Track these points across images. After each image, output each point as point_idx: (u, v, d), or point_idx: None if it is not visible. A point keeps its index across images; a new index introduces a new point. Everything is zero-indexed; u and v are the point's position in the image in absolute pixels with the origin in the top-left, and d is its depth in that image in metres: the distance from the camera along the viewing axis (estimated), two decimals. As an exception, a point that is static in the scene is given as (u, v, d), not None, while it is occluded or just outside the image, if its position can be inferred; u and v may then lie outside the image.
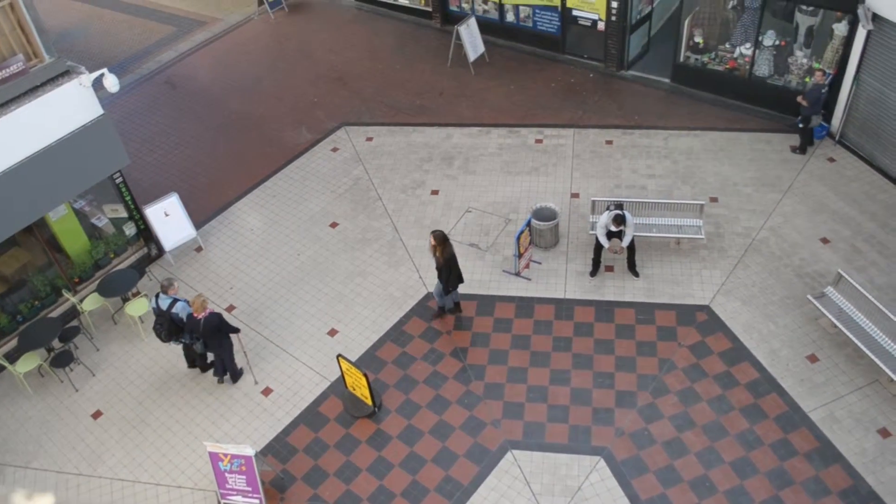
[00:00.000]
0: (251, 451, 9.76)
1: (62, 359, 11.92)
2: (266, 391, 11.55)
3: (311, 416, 11.16)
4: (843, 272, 11.18)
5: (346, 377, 10.98)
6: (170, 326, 11.08)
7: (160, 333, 11.21)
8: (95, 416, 11.56)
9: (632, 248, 12.22)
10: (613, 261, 12.70)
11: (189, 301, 11.01)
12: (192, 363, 11.89)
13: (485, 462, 10.35)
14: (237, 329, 11.27)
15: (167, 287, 11.18)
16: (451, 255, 11.44)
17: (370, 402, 10.87)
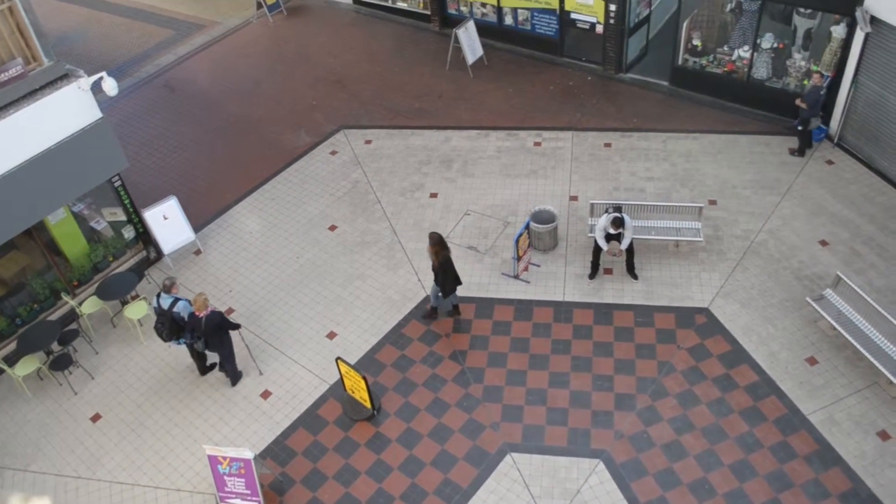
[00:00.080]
0: (250, 455, 9.75)
1: (61, 362, 11.91)
2: (265, 394, 11.55)
3: (310, 419, 11.16)
4: (842, 274, 11.19)
5: (345, 380, 10.97)
6: (171, 326, 11.08)
7: (161, 333, 11.21)
8: (94, 420, 11.55)
9: (630, 251, 12.22)
10: (612, 263, 12.70)
11: (190, 300, 11.03)
12: (203, 371, 11.91)
13: (484, 465, 10.34)
14: (238, 325, 11.29)
15: (169, 286, 11.19)
16: (447, 259, 11.41)
17: (369, 405, 10.87)
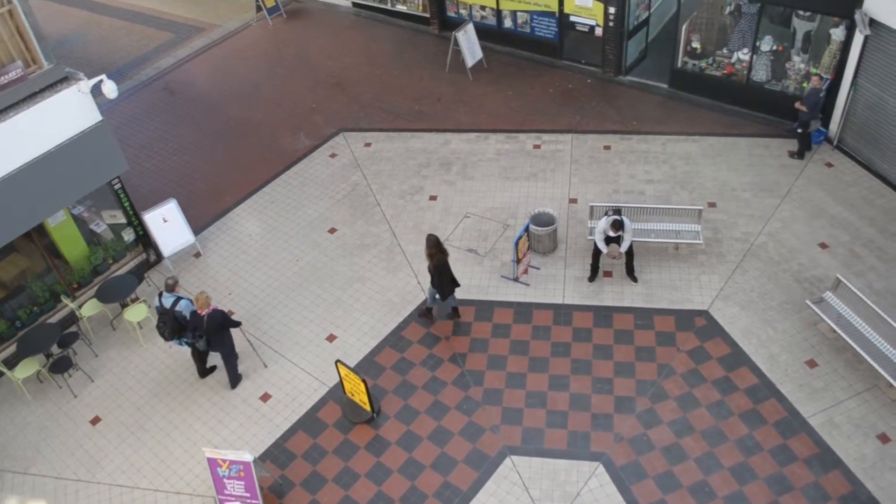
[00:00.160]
0: (250, 457, 9.74)
1: (61, 364, 11.91)
2: (265, 397, 11.54)
3: (310, 422, 11.15)
4: (842, 277, 11.18)
5: (345, 383, 10.97)
6: (173, 325, 11.10)
7: (163, 332, 11.22)
8: (94, 422, 11.54)
9: (630, 254, 12.22)
10: (612, 266, 12.70)
11: (192, 299, 11.05)
12: (203, 374, 11.91)
13: (483, 468, 10.34)
14: (239, 323, 11.31)
15: (172, 285, 11.21)
16: (442, 263, 11.37)
17: (369, 408, 10.86)
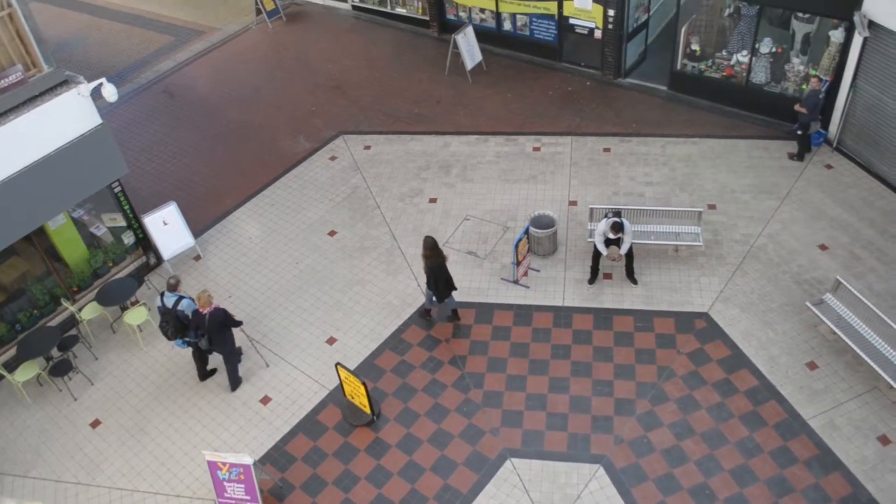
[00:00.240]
0: (250, 460, 9.74)
1: (61, 368, 11.90)
2: (265, 400, 11.53)
3: (310, 425, 11.15)
4: (842, 279, 11.19)
5: (345, 385, 10.96)
6: (176, 324, 11.12)
7: (166, 331, 11.23)
8: (94, 425, 11.54)
9: (630, 256, 12.22)
10: (612, 268, 12.70)
11: (194, 298, 11.06)
12: (203, 376, 11.92)
13: (484, 470, 10.33)
14: (240, 322, 11.33)
15: (174, 285, 11.23)
16: (438, 266, 11.36)
17: (369, 411, 10.85)
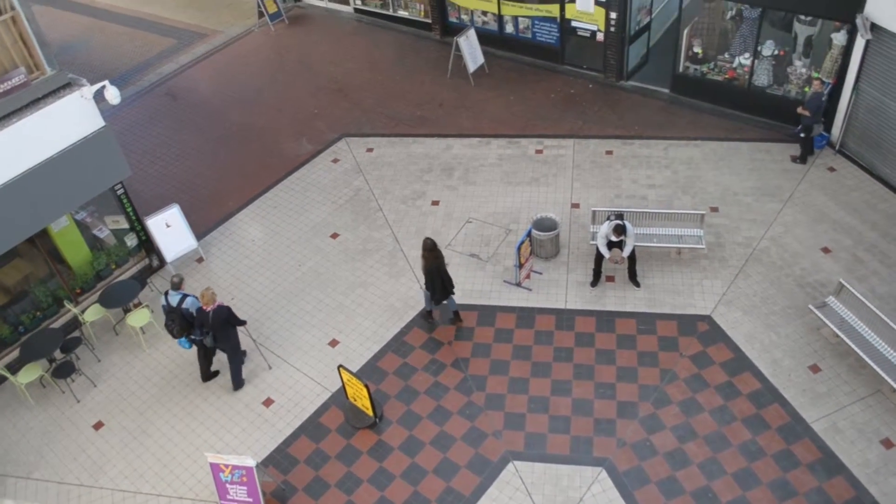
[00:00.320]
0: (252, 462, 9.75)
1: (64, 369, 11.92)
2: (267, 402, 11.54)
3: (313, 427, 11.15)
4: (845, 282, 11.18)
5: (347, 388, 10.96)
6: (181, 322, 11.15)
7: (172, 330, 11.27)
8: (97, 427, 11.55)
9: (632, 259, 12.22)
10: (614, 271, 12.70)
11: (198, 295, 11.09)
12: (206, 377, 11.94)
13: (486, 473, 10.32)
14: (244, 322, 11.35)
15: (177, 283, 11.26)
16: (435, 268, 11.36)
17: (371, 413, 10.86)
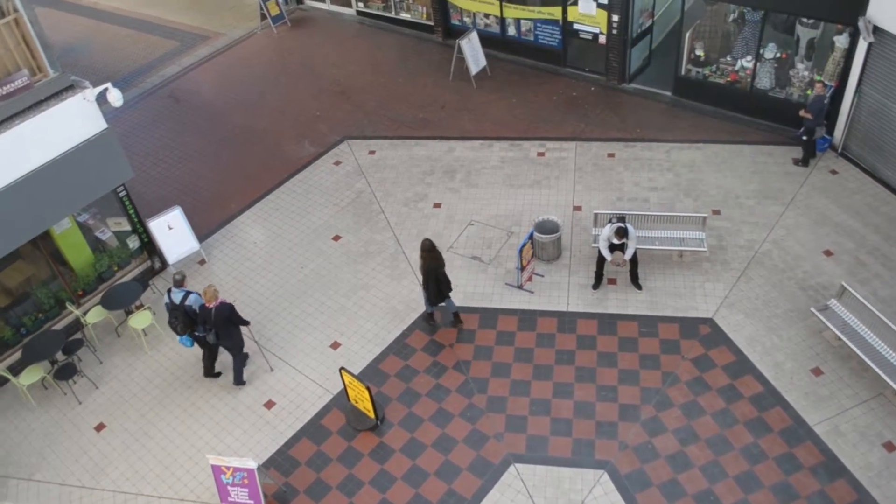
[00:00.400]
0: (254, 464, 9.75)
1: (66, 371, 11.93)
2: (269, 404, 11.54)
3: (314, 429, 11.15)
4: (847, 285, 11.17)
5: (349, 390, 10.96)
6: (184, 319, 11.20)
7: (176, 327, 11.33)
8: (98, 429, 11.55)
9: (634, 261, 12.21)
10: (616, 274, 12.70)
11: (200, 293, 11.12)
12: (208, 373, 11.98)
13: (488, 475, 10.32)
14: (247, 322, 11.37)
15: (180, 281, 11.31)
16: (431, 268, 11.36)
17: (373, 415, 10.85)
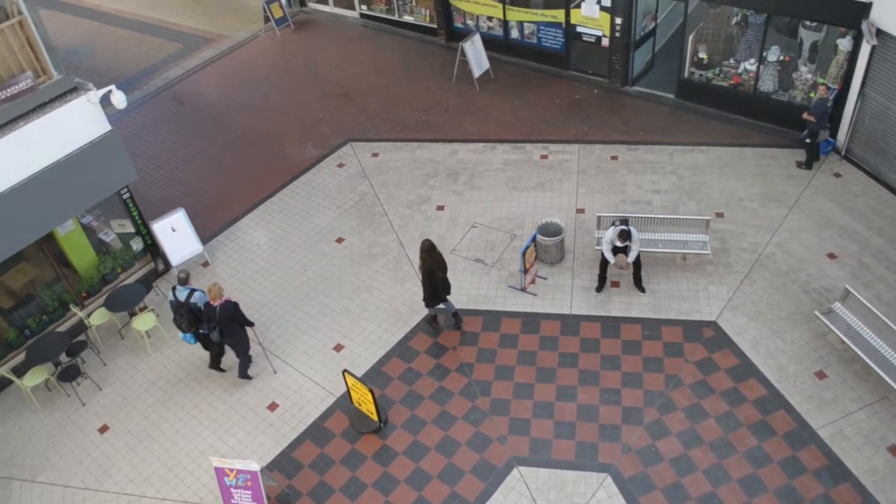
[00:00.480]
0: (257, 467, 9.74)
1: (69, 373, 11.94)
2: (272, 406, 11.54)
3: (317, 432, 11.15)
4: (851, 288, 11.15)
5: (352, 392, 10.96)
6: (189, 317, 11.26)
7: (181, 325, 11.39)
8: (102, 431, 11.56)
9: (638, 264, 12.20)
10: (619, 276, 12.69)
11: (205, 290, 11.18)
12: (213, 365, 12.05)
13: (491, 478, 10.31)
14: (251, 322, 11.39)
15: (184, 279, 11.39)
16: (429, 269, 11.37)
17: (376, 418, 10.85)
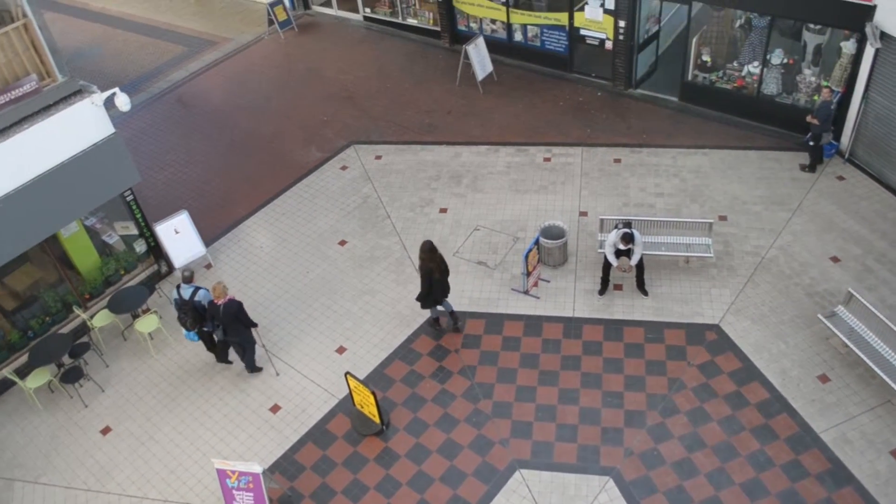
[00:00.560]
0: (259, 469, 9.75)
1: (72, 375, 11.96)
2: (274, 408, 11.55)
3: (319, 434, 11.15)
4: (854, 291, 11.13)
5: (354, 395, 10.96)
6: (194, 314, 11.33)
7: (185, 322, 11.46)
8: (104, 432, 11.58)
9: (640, 267, 12.19)
10: (622, 279, 12.68)
11: (210, 289, 11.22)
12: (220, 359, 12.14)
13: (493, 481, 10.29)
14: (255, 324, 11.43)
15: (189, 277, 11.46)
16: (427, 269, 11.36)
17: (378, 420, 10.85)
